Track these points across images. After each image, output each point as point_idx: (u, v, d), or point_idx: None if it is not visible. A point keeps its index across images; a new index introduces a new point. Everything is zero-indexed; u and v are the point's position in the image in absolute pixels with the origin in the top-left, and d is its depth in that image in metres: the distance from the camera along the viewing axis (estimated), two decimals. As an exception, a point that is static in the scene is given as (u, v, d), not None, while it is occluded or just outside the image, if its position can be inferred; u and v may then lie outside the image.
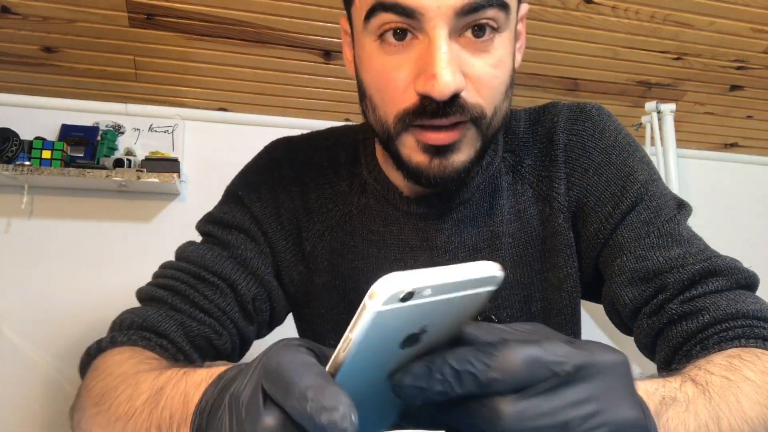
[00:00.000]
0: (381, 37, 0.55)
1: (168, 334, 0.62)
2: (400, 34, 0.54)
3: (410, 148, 0.58)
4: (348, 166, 0.72)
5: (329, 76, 1.96)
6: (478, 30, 0.54)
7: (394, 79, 0.55)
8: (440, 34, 0.52)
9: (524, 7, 0.63)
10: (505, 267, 0.66)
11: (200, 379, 0.42)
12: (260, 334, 0.73)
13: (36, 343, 1.82)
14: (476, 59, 0.55)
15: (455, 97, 0.53)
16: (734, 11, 1.78)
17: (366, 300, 0.27)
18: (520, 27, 0.62)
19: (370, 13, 0.54)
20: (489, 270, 0.31)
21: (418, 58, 0.54)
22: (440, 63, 0.51)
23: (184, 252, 0.70)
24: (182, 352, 0.63)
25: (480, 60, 0.55)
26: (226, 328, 0.67)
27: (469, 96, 0.55)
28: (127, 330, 0.62)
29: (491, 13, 0.53)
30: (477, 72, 0.55)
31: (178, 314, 0.64)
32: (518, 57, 0.63)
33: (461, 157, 0.58)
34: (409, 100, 0.55)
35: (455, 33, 0.53)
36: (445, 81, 0.51)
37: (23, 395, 1.77)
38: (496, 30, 0.55)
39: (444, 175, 0.58)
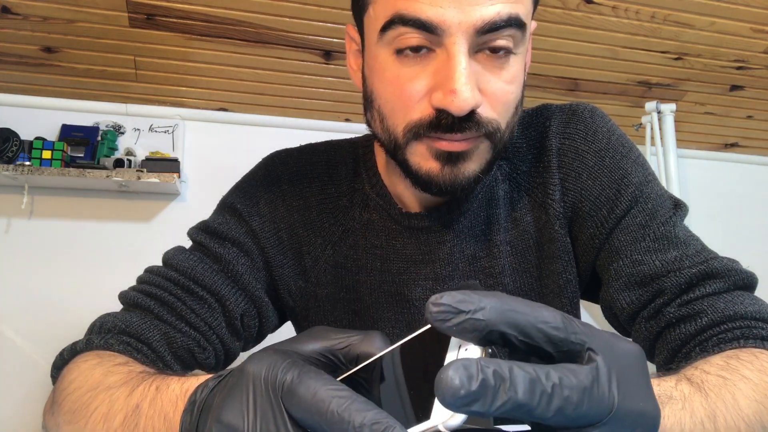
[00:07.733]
0: (397, 51, 0.55)
1: (150, 342, 0.61)
2: (417, 46, 0.54)
3: (420, 155, 0.57)
4: (348, 180, 0.72)
5: (329, 76, 1.96)
6: (495, 48, 0.54)
7: (409, 90, 0.55)
8: (460, 49, 0.52)
9: (533, 24, 0.62)
10: (504, 275, 0.66)
11: (175, 396, 0.42)
12: (246, 348, 0.72)
13: (36, 343, 1.82)
14: (492, 76, 0.55)
15: (472, 113, 0.53)
16: (734, 11, 1.78)
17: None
18: (528, 44, 0.62)
19: (388, 25, 0.53)
20: None
21: (436, 71, 0.53)
22: (460, 79, 0.51)
23: (173, 259, 0.67)
24: (162, 361, 0.62)
25: (496, 77, 0.55)
26: (211, 342, 0.65)
27: (485, 111, 0.55)
28: (105, 333, 0.61)
29: (510, 32, 0.53)
30: (493, 88, 0.55)
31: (163, 324, 0.63)
32: (526, 72, 0.63)
33: (472, 165, 0.58)
34: (423, 111, 0.55)
35: (473, 50, 0.53)
36: (465, 97, 0.51)
37: (23, 395, 1.77)
38: (511, 50, 0.55)
39: (455, 183, 0.58)
